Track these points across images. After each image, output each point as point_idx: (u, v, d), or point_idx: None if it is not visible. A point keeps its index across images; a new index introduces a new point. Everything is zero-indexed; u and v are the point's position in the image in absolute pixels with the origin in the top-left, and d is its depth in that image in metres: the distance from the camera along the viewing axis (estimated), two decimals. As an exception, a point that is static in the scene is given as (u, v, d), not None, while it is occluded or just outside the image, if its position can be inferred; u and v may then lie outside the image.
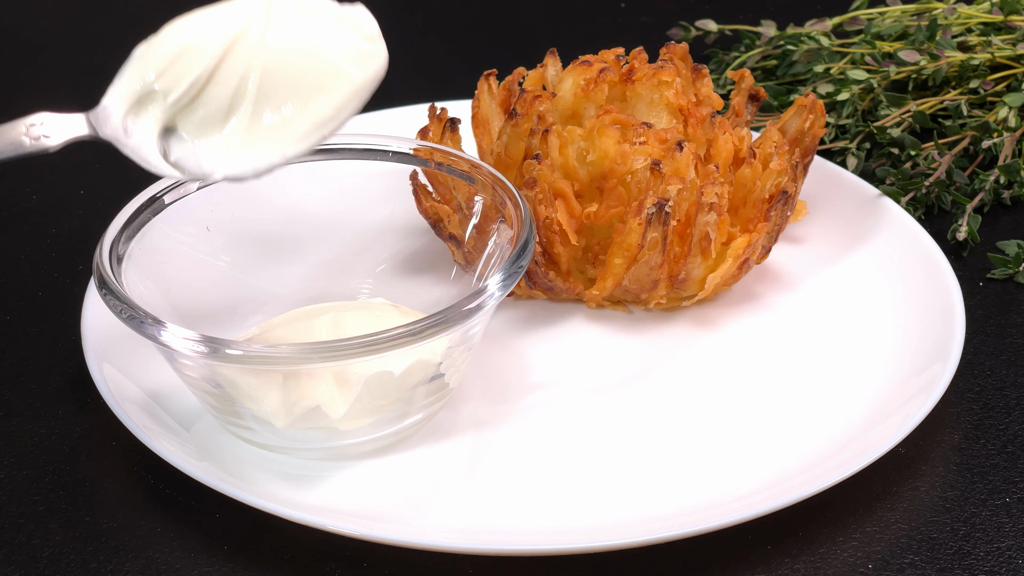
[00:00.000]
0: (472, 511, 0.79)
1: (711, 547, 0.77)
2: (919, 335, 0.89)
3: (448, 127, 0.94)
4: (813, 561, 0.77)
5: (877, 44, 1.16)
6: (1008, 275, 0.98)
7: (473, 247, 0.89)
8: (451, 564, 0.76)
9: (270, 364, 0.76)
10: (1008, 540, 0.78)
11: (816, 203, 1.01)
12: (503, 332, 0.91)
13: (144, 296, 0.81)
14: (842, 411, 0.85)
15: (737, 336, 0.91)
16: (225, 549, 0.77)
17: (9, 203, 1.07)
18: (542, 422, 0.85)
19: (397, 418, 0.81)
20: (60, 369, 0.90)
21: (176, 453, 0.79)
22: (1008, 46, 1.14)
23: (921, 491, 0.81)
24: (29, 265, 1.00)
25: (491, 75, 0.97)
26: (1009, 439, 0.85)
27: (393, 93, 1.21)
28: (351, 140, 0.91)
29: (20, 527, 0.79)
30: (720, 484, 0.80)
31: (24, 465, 0.83)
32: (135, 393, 0.83)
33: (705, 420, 0.85)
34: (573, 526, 0.78)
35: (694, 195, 0.89)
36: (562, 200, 0.90)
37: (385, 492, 0.80)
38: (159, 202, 0.87)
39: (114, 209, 0.86)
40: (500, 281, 0.80)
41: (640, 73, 0.94)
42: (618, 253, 0.89)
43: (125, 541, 0.78)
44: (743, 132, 0.93)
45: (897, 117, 1.10)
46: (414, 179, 0.93)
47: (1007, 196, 1.05)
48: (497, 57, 1.22)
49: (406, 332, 0.76)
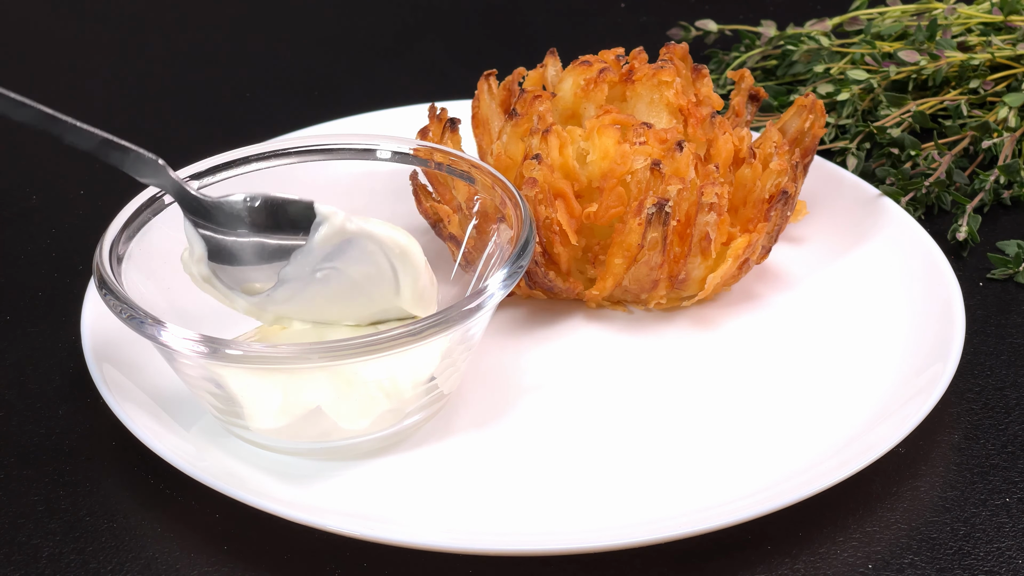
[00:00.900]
0: (472, 511, 0.79)
1: (711, 547, 0.77)
2: (919, 335, 0.89)
3: (448, 127, 0.94)
4: (813, 561, 0.77)
5: (877, 44, 1.16)
6: (1008, 275, 0.98)
7: (473, 247, 0.89)
8: (451, 564, 0.76)
9: (270, 364, 0.76)
10: (1008, 540, 0.78)
11: (816, 203, 1.01)
12: (503, 332, 0.91)
13: (144, 296, 0.81)
14: (842, 411, 0.85)
15: (737, 336, 0.91)
16: (225, 549, 0.77)
17: (9, 203, 1.07)
18: (542, 422, 0.85)
19: (397, 418, 0.81)
20: (60, 369, 0.90)
21: (176, 453, 0.79)
22: (1008, 46, 1.14)
23: (921, 491, 0.81)
24: (29, 265, 1.00)
25: (491, 75, 0.97)
26: (1009, 439, 0.85)
27: (393, 93, 1.21)
28: (351, 140, 0.91)
29: (20, 527, 0.79)
30: (720, 484, 0.80)
31: (24, 465, 0.83)
32: (135, 393, 0.83)
33: (705, 420, 0.85)
34: (573, 526, 0.77)
35: (694, 195, 0.89)
36: (562, 200, 0.90)
37: (385, 492, 0.80)
38: (159, 202, 0.87)
39: (114, 209, 0.86)
40: (500, 281, 0.80)
41: (640, 73, 0.94)
42: (618, 253, 0.89)
43: (125, 541, 0.78)
44: (743, 132, 0.93)
45: (897, 117, 1.10)
46: (414, 179, 0.93)
47: (1007, 196, 1.05)
48: (497, 57, 1.22)
49: (406, 332, 0.76)
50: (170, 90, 1.24)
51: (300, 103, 1.22)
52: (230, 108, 1.21)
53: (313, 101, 1.23)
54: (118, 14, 1.38)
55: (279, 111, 1.20)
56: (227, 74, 1.27)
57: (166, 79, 1.26)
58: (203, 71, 1.28)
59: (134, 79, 1.25)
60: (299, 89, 1.25)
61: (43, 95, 0.82)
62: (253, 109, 1.21)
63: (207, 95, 1.23)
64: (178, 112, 1.20)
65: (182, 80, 1.26)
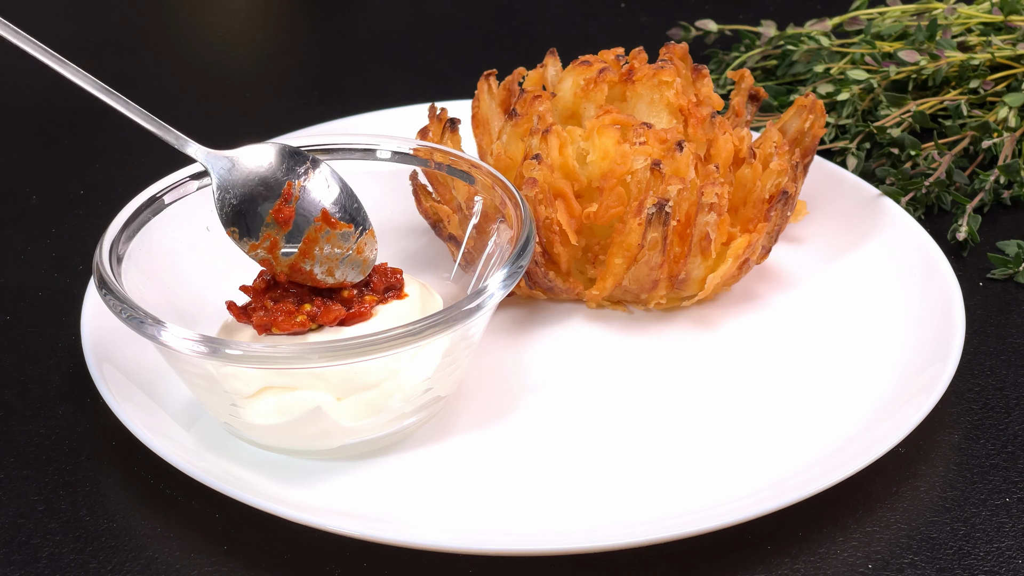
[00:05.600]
0: (472, 511, 0.79)
1: (711, 547, 0.77)
2: (919, 335, 0.89)
3: (448, 127, 0.94)
4: (813, 561, 0.77)
5: (877, 44, 1.16)
6: (1008, 275, 0.98)
7: (473, 247, 0.89)
8: (451, 564, 0.76)
9: (270, 364, 0.76)
10: (1008, 540, 0.78)
11: (816, 203, 1.01)
12: (503, 332, 0.91)
13: (144, 296, 0.81)
14: (842, 411, 0.85)
15: (737, 336, 0.91)
16: (225, 549, 0.77)
17: (9, 203, 1.07)
18: (542, 422, 0.85)
19: (396, 418, 0.81)
20: (60, 369, 0.90)
21: (176, 453, 0.79)
22: (1008, 46, 1.14)
23: (921, 491, 0.81)
24: (29, 265, 1.00)
25: (491, 75, 0.97)
26: (1009, 439, 0.85)
27: (393, 93, 1.21)
28: (351, 140, 0.91)
29: (20, 527, 0.79)
30: (720, 484, 0.80)
31: (24, 465, 0.83)
32: (135, 393, 0.83)
33: (705, 420, 0.85)
34: (573, 526, 0.77)
35: (694, 195, 0.89)
36: (562, 200, 0.90)
37: (385, 492, 0.80)
38: (159, 202, 0.87)
39: (114, 209, 0.86)
40: (500, 281, 0.80)
41: (640, 73, 0.94)
42: (618, 253, 0.89)
43: (125, 541, 0.78)
44: (743, 132, 0.93)
45: (897, 117, 1.10)
46: (414, 179, 0.93)
47: (1007, 196, 1.05)
48: (497, 57, 1.22)
49: (406, 332, 0.76)
50: (169, 90, 1.24)
51: (300, 103, 1.22)
52: (230, 108, 1.21)
53: (313, 101, 1.23)
54: (116, 14, 1.37)
55: (279, 111, 1.20)
56: (227, 74, 1.27)
57: (166, 79, 1.26)
58: (203, 71, 1.28)
59: (133, 79, 1.25)
60: (299, 89, 1.25)
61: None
62: (253, 109, 1.21)
63: (207, 95, 1.23)
64: (177, 112, 1.20)
65: (182, 80, 1.26)
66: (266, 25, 1.37)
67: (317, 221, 0.84)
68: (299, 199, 0.84)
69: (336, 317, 0.81)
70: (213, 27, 1.36)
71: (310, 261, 0.83)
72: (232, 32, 1.35)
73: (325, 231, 0.84)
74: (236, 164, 0.84)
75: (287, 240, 0.84)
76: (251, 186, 0.84)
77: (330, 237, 0.84)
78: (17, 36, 0.81)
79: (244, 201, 0.84)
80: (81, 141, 1.15)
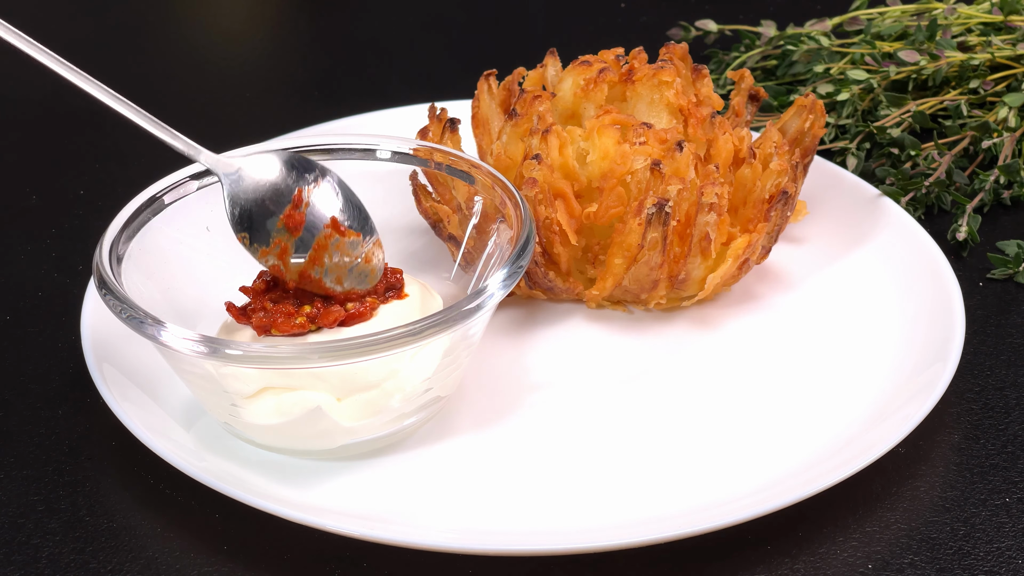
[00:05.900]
0: (472, 511, 0.79)
1: (711, 547, 0.77)
2: (919, 335, 0.89)
3: (448, 127, 0.94)
4: (813, 561, 0.77)
5: (877, 44, 1.16)
6: (1008, 275, 0.98)
7: (473, 247, 0.89)
8: (451, 564, 0.76)
9: (270, 364, 0.76)
10: (1008, 540, 0.78)
11: (816, 203, 1.01)
12: (503, 332, 0.91)
13: (144, 296, 0.81)
14: (842, 411, 0.85)
15: (737, 336, 0.91)
16: (225, 549, 0.77)
17: (9, 203, 1.07)
18: (542, 422, 0.85)
19: (397, 418, 0.81)
20: (60, 369, 0.90)
21: (176, 453, 0.79)
22: (1008, 46, 1.14)
23: (921, 491, 0.81)
24: (29, 265, 1.00)
25: (491, 75, 0.97)
26: (1009, 439, 0.85)
27: (393, 93, 1.21)
28: (351, 140, 0.91)
29: (20, 527, 0.79)
30: (720, 484, 0.80)
31: (24, 465, 0.83)
32: (135, 393, 0.83)
33: (705, 420, 0.85)
34: (573, 526, 0.77)
35: (694, 195, 0.89)
36: (562, 200, 0.90)
37: (385, 492, 0.80)
38: (159, 202, 0.87)
39: (114, 209, 0.86)
40: (500, 281, 0.80)
41: (640, 73, 0.94)
42: (618, 253, 0.89)
43: (125, 541, 0.78)
44: (743, 132, 0.93)
45: (897, 117, 1.10)
46: (414, 179, 0.93)
47: (1007, 196, 1.05)
48: (497, 57, 1.22)
49: (406, 332, 0.76)
50: (169, 90, 1.24)
51: (300, 103, 1.22)
52: (229, 108, 1.21)
53: (313, 101, 1.23)
54: (115, 14, 1.37)
55: (279, 111, 1.20)
56: (226, 74, 1.27)
57: (165, 79, 1.26)
58: (203, 71, 1.28)
59: (132, 79, 1.25)
60: (299, 89, 1.25)
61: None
62: (253, 109, 1.21)
63: (207, 95, 1.23)
64: (177, 112, 1.20)
65: (181, 80, 1.26)
66: (266, 25, 1.37)
67: (327, 228, 0.84)
68: (309, 206, 0.84)
69: (336, 319, 0.81)
70: (213, 27, 1.36)
71: (319, 269, 0.83)
72: (232, 32, 1.35)
73: (335, 238, 0.84)
74: (246, 171, 0.84)
75: (296, 248, 0.84)
76: (262, 192, 0.84)
77: (339, 245, 0.84)
78: (25, 42, 0.81)
79: (254, 207, 0.84)
80: (81, 141, 1.15)
